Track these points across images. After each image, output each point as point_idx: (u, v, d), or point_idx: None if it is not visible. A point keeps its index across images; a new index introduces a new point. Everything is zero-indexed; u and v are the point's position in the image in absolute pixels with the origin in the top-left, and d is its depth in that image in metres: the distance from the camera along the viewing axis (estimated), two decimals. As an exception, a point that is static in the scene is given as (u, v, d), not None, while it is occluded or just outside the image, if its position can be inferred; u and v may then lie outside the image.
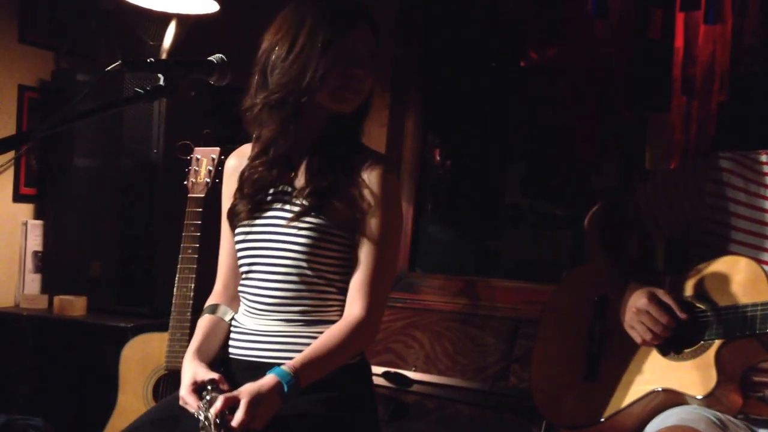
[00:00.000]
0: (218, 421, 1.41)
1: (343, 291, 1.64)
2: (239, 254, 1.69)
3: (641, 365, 1.73)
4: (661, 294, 1.69)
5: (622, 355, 1.75)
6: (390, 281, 1.69)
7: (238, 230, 1.70)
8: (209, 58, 1.56)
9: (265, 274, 1.63)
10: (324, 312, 1.63)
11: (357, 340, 1.60)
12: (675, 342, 1.69)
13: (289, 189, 1.66)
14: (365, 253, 1.61)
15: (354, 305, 1.61)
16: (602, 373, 1.79)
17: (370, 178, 1.62)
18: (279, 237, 1.62)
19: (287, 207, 1.64)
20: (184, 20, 3.09)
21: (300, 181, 1.65)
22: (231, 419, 1.42)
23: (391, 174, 1.67)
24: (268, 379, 1.49)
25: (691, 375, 1.64)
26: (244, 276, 1.69)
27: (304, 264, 1.60)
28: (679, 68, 2.58)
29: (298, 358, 1.54)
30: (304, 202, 1.61)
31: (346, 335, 1.57)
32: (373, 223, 1.61)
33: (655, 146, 2.77)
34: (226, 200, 1.77)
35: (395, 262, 1.72)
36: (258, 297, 1.64)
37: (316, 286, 1.61)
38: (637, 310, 1.70)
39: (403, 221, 1.77)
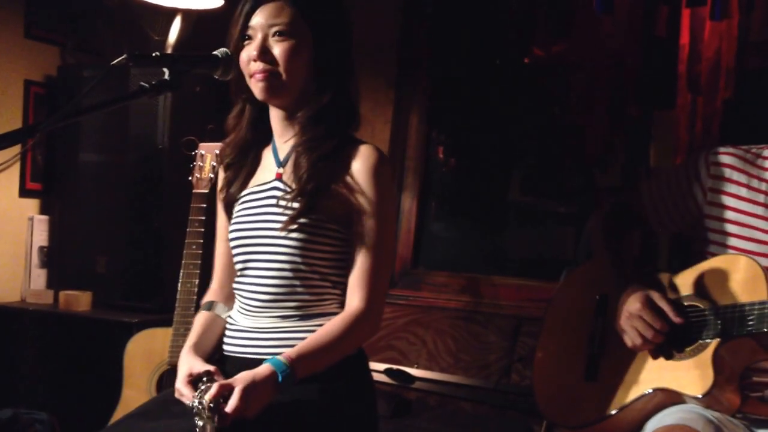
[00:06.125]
0: (212, 405, 1.41)
1: (338, 285, 1.64)
2: (234, 251, 1.69)
3: (641, 365, 1.71)
4: (657, 298, 1.67)
5: (622, 355, 1.74)
6: (388, 274, 1.68)
7: (231, 227, 1.70)
8: (214, 53, 1.56)
9: (260, 270, 1.63)
10: (319, 306, 1.62)
11: (357, 333, 1.59)
12: (675, 341, 1.67)
13: (281, 185, 1.64)
14: (362, 247, 1.60)
15: (354, 298, 1.60)
16: (602, 373, 1.78)
17: (363, 171, 1.61)
18: (273, 233, 1.61)
19: (281, 203, 1.62)
20: (189, 15, 3.09)
21: (290, 177, 1.63)
22: (225, 407, 1.43)
23: (384, 166, 1.63)
24: (263, 369, 1.49)
25: (690, 374, 1.63)
26: (239, 273, 1.69)
27: (298, 259, 1.58)
28: (684, 65, 2.57)
29: (294, 348, 1.53)
30: (297, 200, 1.59)
31: (346, 328, 1.57)
32: (368, 217, 1.60)
33: (661, 144, 2.76)
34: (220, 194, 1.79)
35: (392, 255, 1.71)
36: (253, 294, 1.64)
37: (310, 281, 1.61)
38: (629, 314, 1.69)
39: (397, 212, 1.76)
